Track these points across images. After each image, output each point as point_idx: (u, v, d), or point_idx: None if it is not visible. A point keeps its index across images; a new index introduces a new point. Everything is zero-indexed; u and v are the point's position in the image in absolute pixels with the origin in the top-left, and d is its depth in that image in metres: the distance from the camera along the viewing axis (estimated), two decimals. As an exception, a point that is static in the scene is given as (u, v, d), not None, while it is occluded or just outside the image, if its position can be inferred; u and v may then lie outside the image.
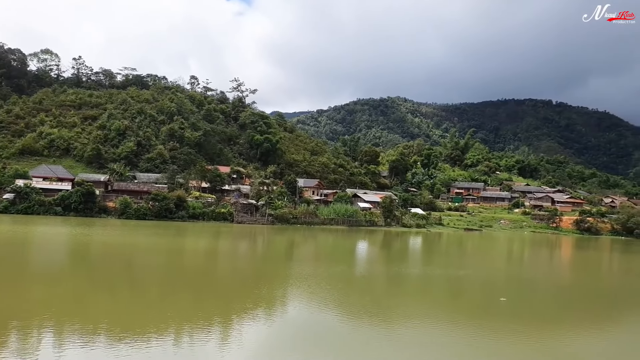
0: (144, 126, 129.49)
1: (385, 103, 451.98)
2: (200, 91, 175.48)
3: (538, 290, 42.00)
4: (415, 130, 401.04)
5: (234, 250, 59.90)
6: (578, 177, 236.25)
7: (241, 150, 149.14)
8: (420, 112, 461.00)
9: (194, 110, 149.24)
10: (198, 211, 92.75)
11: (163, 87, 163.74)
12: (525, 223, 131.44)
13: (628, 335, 27.92)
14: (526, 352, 22.58)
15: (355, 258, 60.59)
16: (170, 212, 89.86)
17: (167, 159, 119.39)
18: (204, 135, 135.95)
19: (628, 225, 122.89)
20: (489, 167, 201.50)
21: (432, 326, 26.45)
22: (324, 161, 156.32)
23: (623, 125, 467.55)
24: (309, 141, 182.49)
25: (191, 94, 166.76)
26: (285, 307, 29.38)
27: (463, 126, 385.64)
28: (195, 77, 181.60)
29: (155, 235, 66.41)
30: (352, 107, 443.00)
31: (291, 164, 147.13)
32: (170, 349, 19.73)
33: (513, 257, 74.19)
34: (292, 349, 21.25)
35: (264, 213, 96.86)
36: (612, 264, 70.84)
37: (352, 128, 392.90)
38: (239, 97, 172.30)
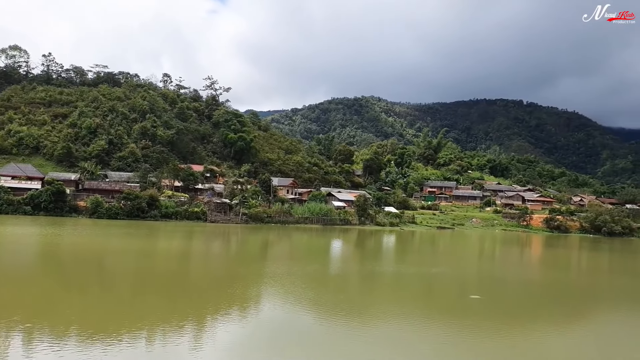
0: (116, 124, 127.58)
1: (359, 102, 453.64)
2: (173, 89, 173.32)
3: (509, 287, 42.78)
4: (389, 129, 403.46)
5: (208, 250, 59.55)
6: (548, 176, 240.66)
7: (215, 148, 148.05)
8: (394, 112, 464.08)
9: (166, 109, 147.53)
10: (171, 210, 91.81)
11: (135, 85, 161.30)
12: (497, 221, 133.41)
13: (596, 331, 28.66)
14: (499, 348, 23.03)
15: (330, 257, 60.78)
16: (143, 212, 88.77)
17: (139, 158, 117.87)
18: (176, 133, 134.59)
19: (596, 223, 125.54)
20: (461, 166, 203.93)
21: (407, 324, 26.76)
22: (298, 160, 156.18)
23: (591, 125, 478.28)
24: (283, 140, 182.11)
25: (164, 92, 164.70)
26: (260, 306, 29.37)
27: (436, 126, 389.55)
28: (168, 75, 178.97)
29: (127, 235, 65.60)
30: (326, 106, 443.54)
31: (265, 162, 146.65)
32: (143, 350, 19.59)
33: (485, 255, 75.35)
34: (266, 348, 21.29)
35: (237, 212, 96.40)
36: (581, 262, 72.47)
37: (326, 127, 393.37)
38: (212, 95, 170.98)
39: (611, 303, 37.82)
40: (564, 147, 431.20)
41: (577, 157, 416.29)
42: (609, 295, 41.38)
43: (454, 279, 44.58)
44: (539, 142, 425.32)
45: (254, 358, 20.00)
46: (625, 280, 51.60)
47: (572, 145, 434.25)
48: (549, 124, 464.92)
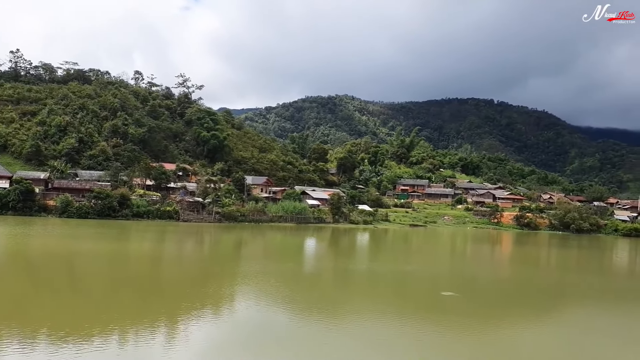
0: (86, 122, 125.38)
1: (333, 101, 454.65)
2: (144, 86, 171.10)
3: (481, 284, 43.51)
4: (363, 128, 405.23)
5: (181, 249, 59.06)
6: (518, 174, 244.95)
7: (187, 147, 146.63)
8: (367, 111, 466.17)
9: (138, 106, 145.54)
10: (142, 209, 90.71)
11: (106, 82, 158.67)
12: (468, 219, 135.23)
13: (565, 327, 29.34)
14: (471, 345, 23.42)
15: (304, 255, 60.91)
16: (114, 211, 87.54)
17: (110, 156, 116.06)
18: (148, 131, 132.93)
19: (565, 220, 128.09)
20: (433, 165, 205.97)
21: (381, 321, 26.97)
22: (272, 158, 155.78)
23: (560, 124, 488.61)
24: (257, 138, 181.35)
25: (135, 89, 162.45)
26: (234, 305, 29.30)
27: (409, 124, 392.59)
28: (139, 72, 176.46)
29: (98, 235, 64.62)
30: (300, 105, 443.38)
31: (239, 161, 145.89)
32: (115, 351, 19.40)
33: (457, 253, 76.38)
34: (240, 347, 21.29)
35: (211, 211, 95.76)
36: (550, 259, 73.99)
37: (300, 125, 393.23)
38: (185, 92, 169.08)
39: (579, 299, 38.78)
40: (533, 146, 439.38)
41: (547, 155, 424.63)
42: (577, 291, 42.38)
43: (427, 276, 45.12)
44: (510, 141, 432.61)
45: (228, 357, 19.99)
46: (592, 277, 52.94)
47: (542, 144, 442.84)
48: (519, 123, 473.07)
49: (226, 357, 19.94)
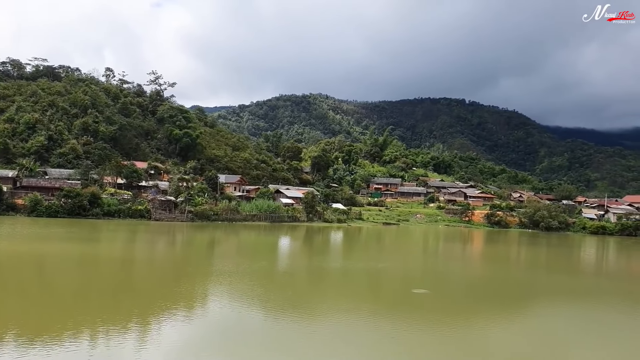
0: (56, 120, 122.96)
1: (307, 99, 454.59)
2: (116, 84, 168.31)
3: (453, 281, 44.16)
4: (337, 127, 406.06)
5: (152, 249, 58.47)
6: (489, 173, 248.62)
7: (159, 145, 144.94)
8: (341, 109, 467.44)
9: (109, 104, 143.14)
10: (113, 208, 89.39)
11: (76, 79, 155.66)
12: (440, 217, 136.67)
13: (534, 323, 30.02)
14: (443, 340, 23.83)
15: (278, 254, 60.90)
16: (84, 210, 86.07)
17: (80, 154, 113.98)
18: (119, 129, 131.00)
19: (534, 218, 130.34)
20: (406, 164, 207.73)
21: (355, 319, 27.21)
22: (246, 157, 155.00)
23: (530, 124, 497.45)
24: (230, 136, 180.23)
25: (106, 86, 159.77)
26: (207, 304, 29.21)
27: (382, 124, 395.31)
28: (110, 69, 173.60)
29: (68, 234, 63.54)
30: (274, 103, 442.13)
31: (212, 159, 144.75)
32: (86, 351, 19.20)
33: (429, 250, 77.24)
34: (213, 346, 21.27)
35: (183, 210, 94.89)
36: (520, 257, 75.36)
37: (274, 124, 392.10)
38: (156, 90, 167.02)
39: (548, 296, 39.62)
40: (504, 145, 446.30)
41: (517, 154, 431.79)
42: (546, 289, 43.31)
43: (400, 274, 45.58)
44: (481, 140, 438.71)
45: (201, 358, 19.94)
46: (560, 275, 54.18)
47: (512, 143, 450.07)
48: (490, 122, 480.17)
49: (199, 357, 19.89)
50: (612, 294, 40.00)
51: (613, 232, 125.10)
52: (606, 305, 35.47)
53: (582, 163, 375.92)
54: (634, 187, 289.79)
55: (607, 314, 32.53)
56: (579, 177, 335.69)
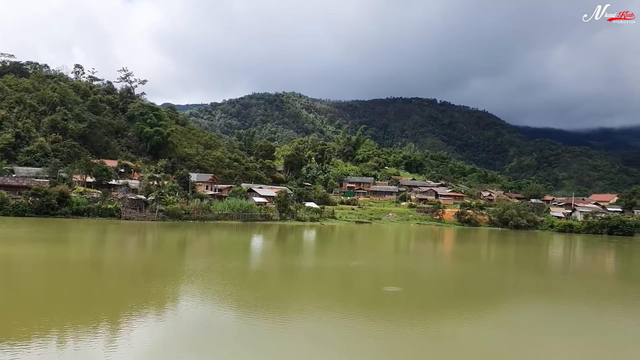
0: (23, 117, 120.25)
1: (280, 98, 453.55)
2: (85, 81, 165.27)
3: (423, 279, 44.64)
4: (310, 126, 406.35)
5: (122, 248, 57.62)
6: (459, 172, 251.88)
7: (130, 143, 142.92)
8: (314, 108, 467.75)
9: (78, 101, 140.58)
10: (82, 207, 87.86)
11: (45, 76, 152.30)
12: (411, 215, 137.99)
13: (504, 320, 30.54)
14: (414, 337, 24.08)
15: (250, 253, 60.65)
16: (53, 208, 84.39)
17: (48, 152, 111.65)
18: (89, 127, 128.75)
19: (504, 217, 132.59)
20: (378, 163, 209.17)
21: (327, 317, 27.26)
22: (218, 155, 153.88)
23: (500, 124, 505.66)
24: (202, 135, 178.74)
25: (75, 83, 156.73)
26: (178, 304, 28.93)
27: (355, 123, 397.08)
28: (80, 66, 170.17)
29: (36, 233, 62.18)
30: (247, 101, 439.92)
31: (183, 158, 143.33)
32: (54, 353, 18.84)
33: (401, 248, 77.87)
34: (185, 347, 21.08)
35: (154, 209, 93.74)
36: (490, 255, 76.56)
37: (247, 122, 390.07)
38: (127, 87, 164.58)
39: (517, 294, 40.37)
40: (474, 145, 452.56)
41: (487, 154, 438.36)
42: (515, 286, 44.13)
43: (372, 272, 45.83)
44: (452, 140, 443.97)
45: (172, 358, 19.76)
46: (529, 273, 55.26)
47: (482, 143, 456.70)
48: (460, 122, 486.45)
49: (171, 358, 19.70)
50: (578, 292, 40.93)
51: (580, 230, 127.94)
52: (573, 302, 36.29)
53: (550, 162, 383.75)
54: (600, 186, 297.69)
55: (573, 310, 33.27)
56: (547, 176, 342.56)
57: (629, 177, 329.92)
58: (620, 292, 43.47)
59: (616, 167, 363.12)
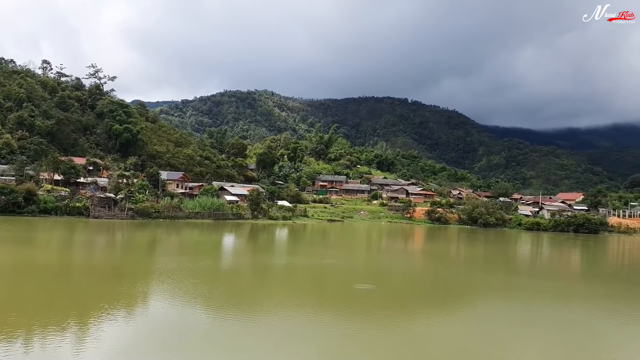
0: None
1: (252, 96, 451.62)
2: (53, 77, 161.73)
3: (395, 277, 45.09)
4: (282, 124, 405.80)
5: (90, 247, 56.73)
6: (430, 170, 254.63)
7: (98, 140, 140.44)
8: (286, 107, 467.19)
9: (46, 97, 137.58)
10: (50, 205, 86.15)
11: (11, 71, 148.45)
12: (383, 214, 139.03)
13: (473, 317, 31.08)
14: (386, 334, 24.34)
15: (222, 252, 60.38)
16: (19, 207, 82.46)
17: (15, 149, 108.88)
18: (57, 124, 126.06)
19: (473, 215, 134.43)
20: (350, 161, 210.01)
21: (299, 315, 27.37)
22: (189, 153, 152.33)
23: (469, 123, 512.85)
24: (173, 132, 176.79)
25: (43, 79, 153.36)
26: (149, 303, 28.67)
27: (327, 121, 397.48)
28: (47, 62, 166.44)
29: (2, 232, 60.73)
30: (219, 99, 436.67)
31: (153, 155, 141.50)
32: (19, 354, 18.51)
33: (372, 247, 78.46)
34: (156, 347, 20.93)
35: (123, 207, 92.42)
36: (460, 252, 77.71)
37: (219, 120, 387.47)
38: (96, 84, 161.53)
39: (486, 291, 41.12)
40: (444, 144, 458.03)
41: (457, 153, 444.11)
42: (484, 283, 44.92)
43: (344, 270, 46.08)
44: (422, 139, 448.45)
45: (142, 358, 19.59)
46: (498, 270, 56.34)
47: (452, 142, 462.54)
48: (431, 121, 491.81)
49: (141, 358, 19.55)
50: (546, 289, 41.86)
51: (547, 228, 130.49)
52: (541, 299, 37.11)
53: (518, 161, 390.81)
54: (567, 184, 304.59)
55: (541, 307, 34.03)
56: (515, 175, 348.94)
57: (594, 176, 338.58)
58: (586, 289, 44.70)
59: (582, 166, 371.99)
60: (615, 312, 32.60)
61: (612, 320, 30.55)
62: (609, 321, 30.20)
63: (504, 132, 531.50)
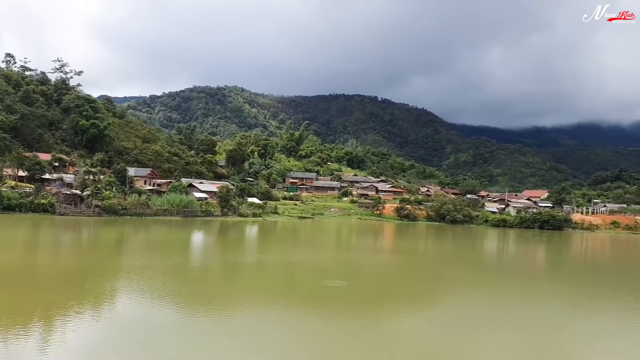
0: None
1: (222, 92, 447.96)
2: (17, 71, 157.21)
3: (364, 273, 45.53)
4: (252, 120, 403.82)
5: (56, 244, 55.69)
6: (399, 168, 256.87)
7: (64, 136, 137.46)
8: (257, 103, 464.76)
9: (9, 92, 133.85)
10: (14, 202, 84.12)
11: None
12: (353, 210, 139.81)
13: (440, 311, 31.69)
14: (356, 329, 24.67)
15: (191, 249, 59.98)
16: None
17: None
18: (21, 119, 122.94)
19: (441, 212, 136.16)
20: (321, 158, 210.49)
21: (269, 313, 27.44)
22: (157, 149, 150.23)
23: (438, 121, 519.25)
24: (141, 128, 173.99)
25: (6, 73, 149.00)
26: (116, 301, 28.38)
27: (298, 118, 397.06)
28: (11, 55, 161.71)
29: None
30: (188, 95, 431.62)
31: (121, 151, 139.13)
32: (-17, 355, 18.21)
33: (342, 243, 78.91)
34: (123, 346, 20.79)
35: (90, 204, 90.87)
36: (428, 248, 78.83)
37: (188, 116, 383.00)
38: (62, 78, 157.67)
39: (453, 286, 41.88)
40: (413, 142, 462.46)
41: (425, 150, 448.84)
42: (451, 279, 45.75)
43: (314, 267, 46.33)
44: (392, 137, 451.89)
45: (109, 357, 19.43)
46: (464, 266, 57.36)
47: (421, 140, 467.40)
48: (400, 119, 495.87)
49: (108, 357, 19.38)
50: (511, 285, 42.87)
51: (513, 225, 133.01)
52: (507, 295, 38.00)
53: (485, 159, 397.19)
54: (532, 182, 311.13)
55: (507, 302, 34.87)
56: (483, 172, 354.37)
57: (559, 174, 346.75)
58: (550, 284, 45.93)
59: (547, 164, 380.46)
60: (579, 307, 33.62)
61: (576, 314, 31.51)
62: (573, 316, 31.15)
63: (471, 131, 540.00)
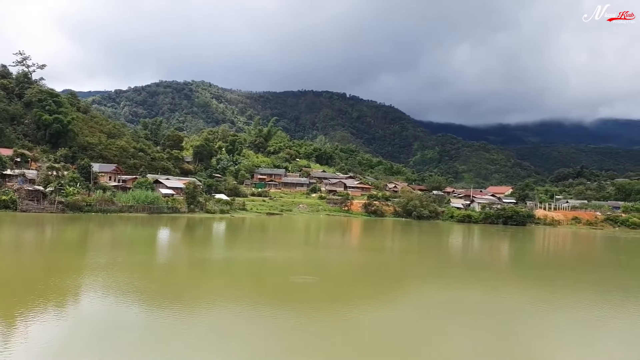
0: None
1: (189, 87, 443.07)
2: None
3: (333, 269, 45.82)
4: (220, 116, 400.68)
5: (17, 241, 54.32)
6: (367, 164, 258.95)
7: (26, 131, 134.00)
8: (225, 98, 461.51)
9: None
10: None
11: None
12: (321, 207, 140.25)
13: (407, 305, 32.18)
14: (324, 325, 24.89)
15: (158, 246, 59.34)
16: (-64, 201, 78.13)
17: None
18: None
19: (407, 208, 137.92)
20: (290, 154, 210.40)
21: (237, 309, 27.43)
22: (122, 145, 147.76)
23: (405, 118, 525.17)
24: (105, 123, 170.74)
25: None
26: (80, 300, 27.94)
27: (266, 114, 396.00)
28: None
29: None
30: (154, 89, 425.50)
31: (85, 147, 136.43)
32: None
33: (311, 240, 79.14)
34: (88, 346, 20.52)
35: (53, 200, 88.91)
36: (395, 244, 79.72)
37: (154, 111, 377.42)
38: (24, 72, 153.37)
39: (419, 280, 42.57)
40: (381, 138, 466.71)
41: (393, 147, 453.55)
42: (418, 274, 46.49)
43: (282, 263, 46.42)
44: (360, 133, 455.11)
45: (73, 357, 19.16)
46: (431, 261, 58.34)
47: (389, 137, 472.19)
48: (368, 116, 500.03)
49: (73, 356, 19.10)
50: (476, 279, 43.72)
51: (477, 221, 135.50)
52: (471, 288, 38.78)
53: (451, 156, 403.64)
54: (496, 178, 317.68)
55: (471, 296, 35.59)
56: (448, 169, 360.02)
57: (522, 171, 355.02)
58: (515, 276, 47.08)
59: (511, 161, 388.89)
60: (541, 301, 34.54)
61: (537, 308, 32.37)
62: (534, 309, 31.99)
63: (438, 128, 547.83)
